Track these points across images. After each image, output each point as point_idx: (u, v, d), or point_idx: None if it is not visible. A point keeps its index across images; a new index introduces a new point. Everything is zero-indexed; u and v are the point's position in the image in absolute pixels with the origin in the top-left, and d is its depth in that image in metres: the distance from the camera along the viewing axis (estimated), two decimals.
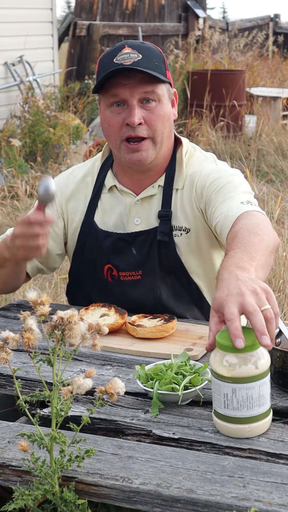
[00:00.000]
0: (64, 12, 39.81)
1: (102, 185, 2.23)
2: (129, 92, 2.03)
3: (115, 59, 2.02)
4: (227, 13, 45.58)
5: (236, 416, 1.48)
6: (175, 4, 13.39)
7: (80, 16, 11.75)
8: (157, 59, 2.06)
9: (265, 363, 1.48)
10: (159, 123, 2.06)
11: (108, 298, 2.18)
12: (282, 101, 10.41)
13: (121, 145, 2.09)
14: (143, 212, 2.17)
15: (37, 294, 1.30)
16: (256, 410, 1.49)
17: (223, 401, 1.49)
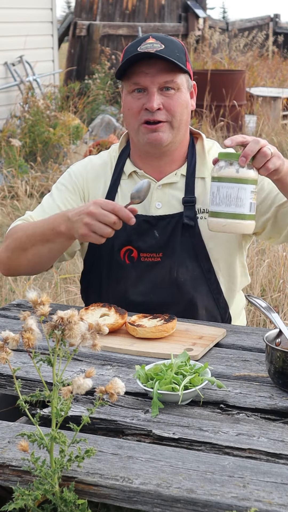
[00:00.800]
0: (64, 12, 39.82)
1: (121, 172, 2.29)
2: (149, 80, 2.13)
3: (139, 48, 2.13)
4: (227, 13, 45.60)
5: (216, 211, 1.93)
6: (175, 4, 13.39)
7: (80, 16, 11.75)
8: (179, 50, 2.16)
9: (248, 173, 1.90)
10: (178, 108, 2.16)
11: (120, 283, 2.21)
12: (282, 101, 10.41)
13: (140, 127, 2.18)
14: (164, 197, 2.24)
15: (37, 294, 1.30)
16: (233, 209, 1.90)
17: (211, 198, 1.95)
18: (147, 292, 2.21)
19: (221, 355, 1.92)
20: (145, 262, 2.21)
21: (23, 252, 2.18)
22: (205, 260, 2.21)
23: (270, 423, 1.57)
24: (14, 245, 2.19)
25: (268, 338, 1.77)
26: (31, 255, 2.17)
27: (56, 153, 8.20)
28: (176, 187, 2.25)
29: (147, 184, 2.02)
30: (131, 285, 2.21)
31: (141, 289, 2.21)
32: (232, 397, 1.67)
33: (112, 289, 2.25)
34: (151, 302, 2.20)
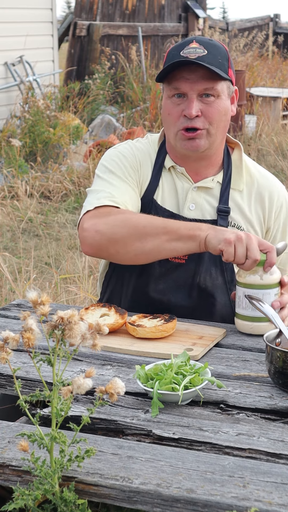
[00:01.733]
0: (64, 12, 39.81)
1: (162, 165, 2.27)
2: (189, 86, 2.12)
3: (182, 52, 2.13)
4: (227, 13, 45.56)
5: (244, 314, 2.05)
6: (175, 4, 13.39)
7: (80, 16, 11.75)
8: (221, 56, 2.15)
9: (271, 278, 2.01)
10: (216, 116, 2.16)
11: (143, 276, 2.21)
12: (282, 101, 10.41)
13: (178, 133, 2.17)
14: (199, 199, 2.24)
15: (37, 294, 1.30)
16: (258, 313, 1.98)
17: (237, 302, 2.06)
18: (167, 292, 2.21)
19: (221, 355, 1.92)
20: (171, 262, 2.20)
21: (139, 241, 2.06)
22: (229, 271, 2.21)
23: (270, 423, 1.57)
24: (128, 231, 2.06)
25: (268, 338, 1.77)
26: (149, 247, 2.07)
27: (56, 153, 8.20)
28: (211, 193, 2.24)
29: None
30: (152, 281, 2.21)
31: (162, 287, 2.21)
32: (232, 397, 1.67)
33: (134, 281, 2.24)
34: (169, 302, 2.20)
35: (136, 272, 2.24)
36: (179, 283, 2.21)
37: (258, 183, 2.28)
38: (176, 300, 2.21)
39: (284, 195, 2.31)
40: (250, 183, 2.27)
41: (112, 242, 2.08)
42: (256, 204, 2.26)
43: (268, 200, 2.27)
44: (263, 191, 2.27)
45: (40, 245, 5.94)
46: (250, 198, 2.26)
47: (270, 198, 2.27)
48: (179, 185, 2.25)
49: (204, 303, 2.21)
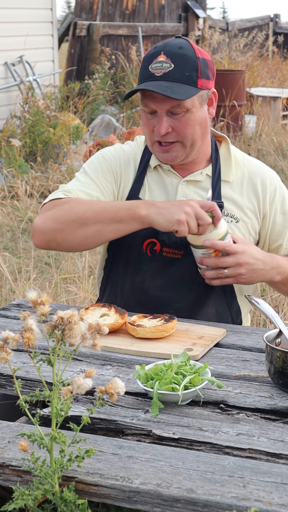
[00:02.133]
0: (64, 12, 39.81)
1: (147, 165, 2.30)
2: (157, 105, 2.14)
3: (150, 66, 2.13)
4: (227, 13, 45.56)
5: None
6: (175, 4, 13.39)
7: (80, 16, 11.75)
8: (189, 68, 2.11)
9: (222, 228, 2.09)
10: (188, 129, 2.16)
11: (139, 274, 2.24)
12: (282, 101, 10.41)
13: (153, 144, 2.21)
14: (189, 193, 2.26)
15: (37, 294, 1.30)
16: None
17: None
18: (165, 287, 2.22)
19: (221, 355, 1.92)
20: (166, 257, 2.22)
21: (82, 227, 2.12)
22: None
23: (270, 423, 1.57)
24: (70, 218, 2.13)
25: (268, 338, 1.77)
26: (92, 232, 2.12)
27: (56, 153, 8.20)
28: (201, 186, 2.27)
29: None
30: (149, 277, 2.23)
31: (159, 283, 2.22)
32: (232, 397, 1.67)
33: (130, 279, 2.26)
34: (167, 297, 2.22)
35: (130, 272, 2.25)
36: (176, 278, 2.22)
37: (249, 172, 2.30)
38: (175, 295, 2.22)
39: (277, 179, 2.33)
40: (241, 173, 2.29)
41: (57, 231, 2.15)
42: (248, 192, 2.28)
43: (261, 186, 2.28)
44: (255, 178, 2.29)
45: None
46: (242, 187, 2.28)
47: (262, 184, 2.29)
48: (168, 181, 2.27)
49: (199, 297, 2.23)
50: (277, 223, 2.30)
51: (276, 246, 2.31)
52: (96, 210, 2.13)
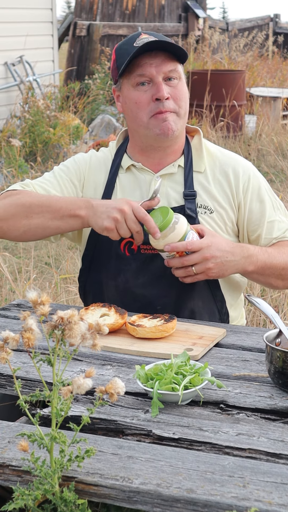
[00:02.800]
0: (64, 12, 39.80)
1: (118, 167, 2.31)
2: (155, 70, 2.17)
3: (134, 43, 2.16)
4: (227, 13, 45.54)
5: None
6: (175, 4, 13.39)
7: (80, 16, 11.75)
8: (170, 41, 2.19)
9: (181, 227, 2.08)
10: (183, 97, 2.21)
11: (121, 275, 2.23)
12: (282, 101, 10.41)
13: (149, 120, 2.20)
14: (163, 188, 2.26)
15: (37, 294, 1.30)
16: None
17: None
18: (148, 284, 2.22)
19: (221, 355, 1.92)
20: (145, 254, 2.22)
21: (26, 218, 2.17)
22: None
23: (270, 423, 1.57)
24: (16, 209, 2.18)
25: (268, 338, 1.77)
26: (34, 224, 2.17)
27: (56, 153, 8.20)
28: (174, 180, 2.27)
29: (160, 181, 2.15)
30: (131, 276, 2.23)
31: (142, 281, 2.22)
32: (232, 397, 1.67)
33: (113, 282, 2.26)
34: (151, 294, 2.21)
35: (112, 275, 2.25)
36: (158, 274, 2.22)
37: (220, 162, 2.30)
38: (157, 291, 2.22)
39: (250, 168, 2.32)
40: (212, 163, 2.30)
41: (3, 220, 2.20)
42: (221, 182, 2.27)
43: (233, 175, 2.28)
44: (227, 168, 2.29)
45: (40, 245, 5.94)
46: (214, 177, 2.28)
47: (235, 174, 2.28)
48: (141, 179, 2.28)
49: (184, 290, 2.22)
50: (254, 211, 2.28)
51: (255, 237, 2.29)
52: (42, 203, 2.16)
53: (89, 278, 2.32)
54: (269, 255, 2.19)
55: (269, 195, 2.32)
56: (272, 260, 2.19)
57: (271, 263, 2.19)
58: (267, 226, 2.28)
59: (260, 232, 2.28)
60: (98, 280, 2.29)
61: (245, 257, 2.14)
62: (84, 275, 2.33)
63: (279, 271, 2.21)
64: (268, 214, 2.28)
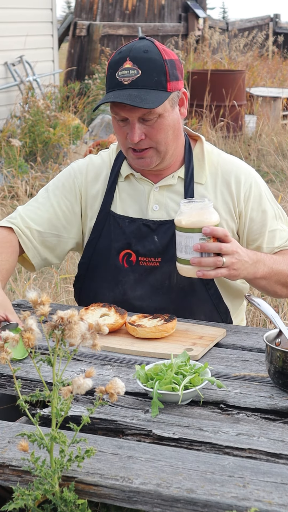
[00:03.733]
0: (64, 12, 39.80)
1: (118, 175, 2.28)
2: (128, 113, 2.09)
3: (117, 73, 2.07)
4: (227, 13, 45.57)
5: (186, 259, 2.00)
6: (175, 4, 13.39)
7: (80, 16, 11.75)
8: (157, 72, 2.07)
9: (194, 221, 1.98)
10: (161, 134, 2.12)
11: (118, 286, 2.21)
12: (282, 101, 10.41)
13: (127, 151, 2.17)
14: (162, 199, 2.23)
15: (37, 294, 1.30)
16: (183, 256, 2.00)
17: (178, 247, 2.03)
18: (146, 297, 2.21)
19: (221, 355, 1.92)
20: (144, 266, 2.21)
21: None
22: None
23: (270, 423, 1.57)
24: None
25: (268, 338, 1.77)
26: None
27: (56, 153, 8.20)
28: (173, 190, 2.24)
29: None
30: (129, 288, 2.21)
31: (140, 293, 2.21)
32: (232, 397, 1.67)
33: (110, 293, 2.24)
34: (149, 306, 2.20)
35: (110, 286, 2.24)
36: (156, 286, 2.20)
37: (222, 170, 2.25)
38: (156, 303, 2.20)
39: (252, 175, 2.27)
40: (214, 172, 2.25)
41: None
42: (223, 192, 2.23)
43: (235, 184, 2.23)
44: (228, 177, 2.24)
45: None
46: (215, 187, 2.24)
47: (236, 182, 2.24)
48: (140, 189, 2.25)
49: (184, 303, 2.20)
50: (255, 221, 2.24)
51: (255, 247, 2.26)
52: None
53: (84, 286, 2.31)
54: (275, 261, 2.16)
55: (271, 204, 2.28)
56: (278, 266, 2.16)
57: (277, 269, 2.16)
58: (269, 236, 2.25)
59: (261, 242, 2.25)
60: (93, 289, 2.28)
61: (255, 261, 2.09)
62: (80, 282, 2.33)
63: (285, 278, 2.19)
64: (269, 223, 2.25)
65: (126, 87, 2.05)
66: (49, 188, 2.32)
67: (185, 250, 2.00)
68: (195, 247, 1.98)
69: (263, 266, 2.11)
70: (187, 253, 1.99)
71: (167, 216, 2.21)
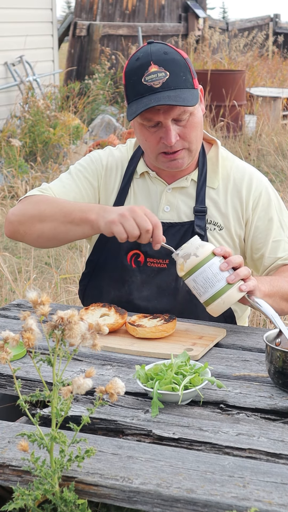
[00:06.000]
0: (64, 12, 39.79)
1: (133, 172, 2.28)
2: (163, 116, 2.06)
3: (143, 79, 2.05)
4: (227, 13, 45.54)
5: (209, 297, 1.96)
6: (175, 4, 13.39)
7: (80, 16, 11.75)
8: (183, 71, 2.07)
9: (204, 250, 1.95)
10: (194, 133, 2.12)
11: (125, 286, 2.21)
12: (282, 101, 10.41)
13: (158, 156, 2.15)
14: (174, 200, 2.23)
15: (37, 294, 1.30)
16: (219, 284, 1.94)
17: (196, 293, 1.98)
18: (152, 298, 2.21)
19: (221, 355, 1.92)
20: (151, 268, 2.20)
21: (40, 222, 2.15)
22: None
23: (270, 423, 1.57)
24: (32, 212, 2.16)
25: (268, 338, 1.77)
26: (47, 228, 2.14)
27: (56, 153, 8.20)
28: (186, 193, 2.23)
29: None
30: (135, 289, 2.21)
31: (146, 294, 2.21)
32: (232, 397, 1.67)
33: (116, 292, 2.24)
34: (154, 308, 2.19)
35: (116, 285, 2.24)
36: (162, 288, 2.20)
37: (235, 177, 2.25)
38: (161, 305, 2.20)
39: (264, 184, 2.27)
40: (226, 178, 2.25)
41: (20, 223, 2.19)
42: (233, 198, 2.23)
43: (246, 191, 2.23)
44: (240, 184, 2.24)
45: None
46: (226, 193, 2.23)
47: (247, 189, 2.24)
48: (153, 188, 2.25)
49: (189, 306, 2.20)
50: (260, 229, 2.23)
51: (258, 256, 2.25)
52: (55, 208, 2.13)
53: (90, 283, 2.31)
54: (271, 279, 2.12)
55: (278, 214, 2.27)
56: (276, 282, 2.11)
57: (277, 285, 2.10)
58: (272, 245, 2.24)
59: (264, 251, 2.23)
60: (99, 287, 2.28)
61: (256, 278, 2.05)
62: (86, 280, 2.32)
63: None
64: (274, 233, 2.24)
65: (158, 90, 2.03)
66: (72, 172, 2.31)
67: (212, 283, 1.94)
68: (222, 267, 1.94)
69: (265, 283, 2.08)
70: (218, 280, 1.94)
71: (177, 219, 2.21)
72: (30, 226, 2.17)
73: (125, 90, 2.12)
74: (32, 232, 2.18)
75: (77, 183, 2.27)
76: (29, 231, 2.18)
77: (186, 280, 1.98)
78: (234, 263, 1.96)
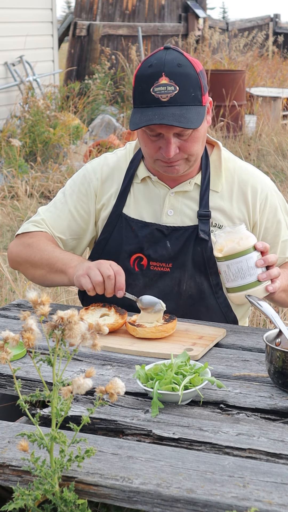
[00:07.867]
0: (64, 12, 39.78)
1: (133, 176, 2.27)
2: (165, 129, 2.06)
3: (152, 89, 2.04)
4: (227, 13, 45.49)
5: (234, 286, 2.00)
6: (175, 4, 13.39)
7: (80, 16, 11.75)
8: (193, 88, 2.05)
9: (247, 242, 1.98)
10: (194, 147, 2.11)
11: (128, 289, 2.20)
12: (282, 101, 10.41)
13: (156, 161, 2.15)
14: (177, 204, 2.22)
15: (37, 294, 1.30)
16: (248, 279, 1.97)
17: (224, 277, 2.02)
18: None
19: (221, 355, 1.92)
20: (154, 271, 2.20)
21: (32, 268, 2.28)
22: (214, 275, 2.19)
23: (270, 423, 1.57)
24: (25, 257, 2.28)
25: (268, 338, 1.77)
26: (38, 275, 2.28)
27: (56, 153, 8.20)
28: (189, 197, 2.23)
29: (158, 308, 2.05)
30: (138, 292, 2.19)
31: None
32: (232, 397, 1.67)
33: None
34: None
35: None
36: (165, 291, 2.20)
37: (239, 179, 2.24)
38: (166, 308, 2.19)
39: (269, 186, 2.27)
40: (231, 180, 2.24)
41: (18, 264, 2.35)
42: (238, 201, 2.22)
43: (251, 194, 2.23)
44: (245, 186, 2.23)
45: None
46: (231, 196, 2.23)
47: (253, 192, 2.23)
48: (156, 193, 2.24)
49: (191, 310, 2.20)
50: (269, 231, 2.24)
51: None
52: (43, 257, 2.24)
53: None
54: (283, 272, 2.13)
55: (284, 214, 2.28)
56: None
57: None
58: (281, 246, 2.26)
59: (274, 252, 2.23)
60: None
61: None
62: None
63: None
64: (282, 233, 2.25)
65: (165, 104, 2.02)
66: (66, 192, 2.33)
67: (244, 275, 1.98)
68: (259, 263, 1.98)
69: (283, 279, 2.09)
70: (250, 274, 1.98)
71: (181, 223, 2.21)
72: (24, 270, 2.33)
73: (133, 93, 2.12)
74: (27, 274, 2.34)
75: (69, 207, 2.30)
76: (25, 273, 2.34)
77: (219, 262, 2.02)
78: (269, 262, 1.99)
